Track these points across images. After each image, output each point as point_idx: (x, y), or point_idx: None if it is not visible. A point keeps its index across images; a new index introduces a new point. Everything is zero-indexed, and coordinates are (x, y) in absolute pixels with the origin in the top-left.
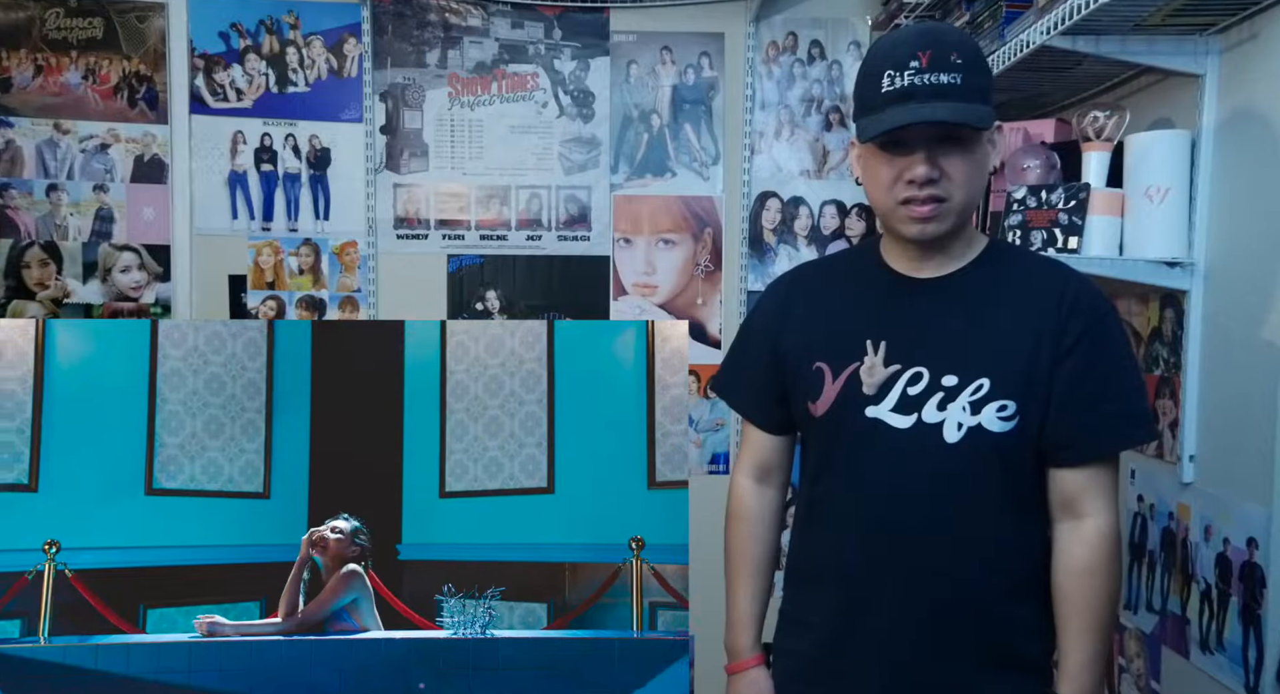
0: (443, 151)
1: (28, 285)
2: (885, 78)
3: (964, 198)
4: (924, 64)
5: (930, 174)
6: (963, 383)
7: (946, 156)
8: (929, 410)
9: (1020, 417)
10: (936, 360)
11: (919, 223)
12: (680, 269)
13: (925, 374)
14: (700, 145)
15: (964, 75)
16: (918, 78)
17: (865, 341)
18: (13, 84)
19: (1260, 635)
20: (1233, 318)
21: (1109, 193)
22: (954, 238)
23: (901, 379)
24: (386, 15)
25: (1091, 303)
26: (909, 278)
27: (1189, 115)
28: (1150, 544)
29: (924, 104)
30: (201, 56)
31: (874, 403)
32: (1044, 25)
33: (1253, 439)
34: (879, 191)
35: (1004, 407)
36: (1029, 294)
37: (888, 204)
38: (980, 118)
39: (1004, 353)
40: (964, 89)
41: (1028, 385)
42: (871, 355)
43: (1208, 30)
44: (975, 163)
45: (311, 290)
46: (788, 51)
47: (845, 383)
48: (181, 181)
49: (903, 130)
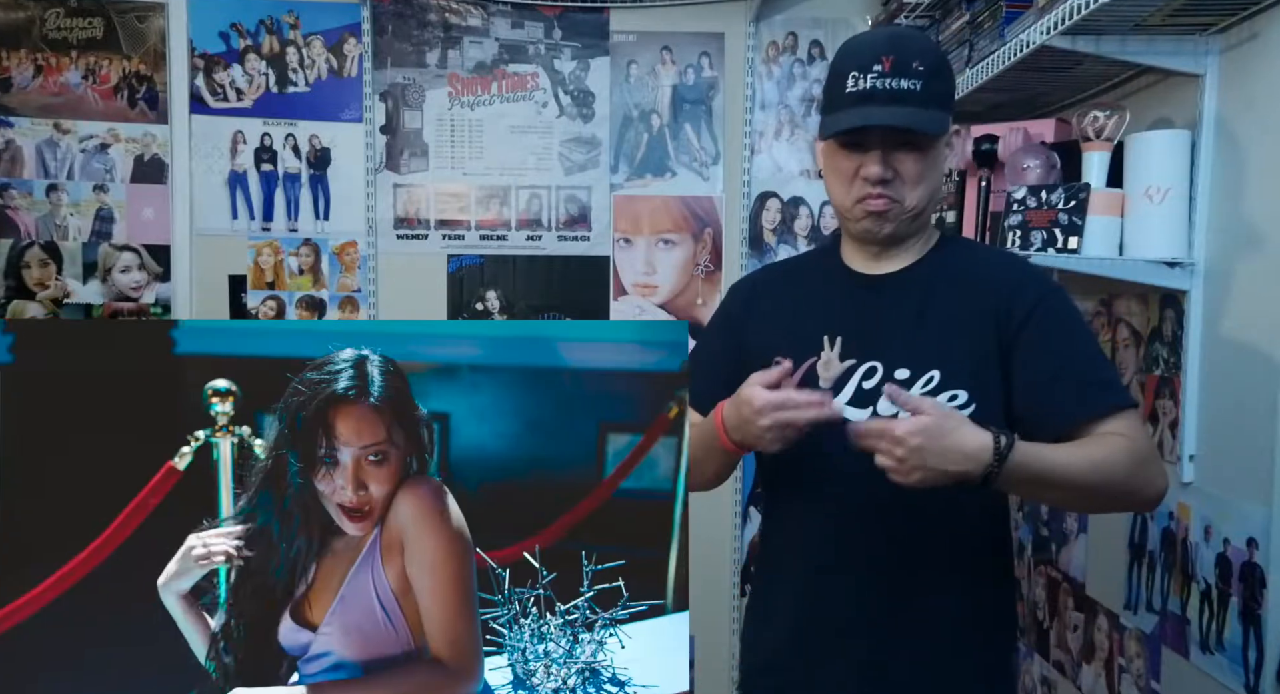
0: (443, 151)
1: (28, 285)
2: (850, 78)
3: (915, 199)
4: (886, 68)
5: (883, 174)
6: (914, 375)
7: (900, 159)
8: (883, 403)
9: (975, 404)
10: (889, 354)
11: (870, 219)
12: (680, 269)
13: (879, 368)
14: (700, 145)
15: (924, 82)
16: (879, 81)
17: (822, 337)
18: (13, 84)
19: (1260, 635)
20: (1233, 318)
21: (1109, 193)
22: (909, 236)
23: (857, 373)
24: (386, 15)
25: (1038, 282)
26: (864, 274)
27: (1189, 115)
28: (1150, 544)
29: (883, 107)
30: (201, 56)
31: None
32: (1044, 25)
33: (1253, 439)
34: (837, 187)
35: (954, 396)
36: (976, 280)
37: (844, 202)
38: (933, 125)
39: (952, 343)
40: (922, 95)
41: (977, 373)
42: (827, 350)
43: (1208, 30)
44: (929, 165)
45: (311, 290)
46: (788, 51)
47: (803, 378)
48: (181, 181)
49: (859, 131)
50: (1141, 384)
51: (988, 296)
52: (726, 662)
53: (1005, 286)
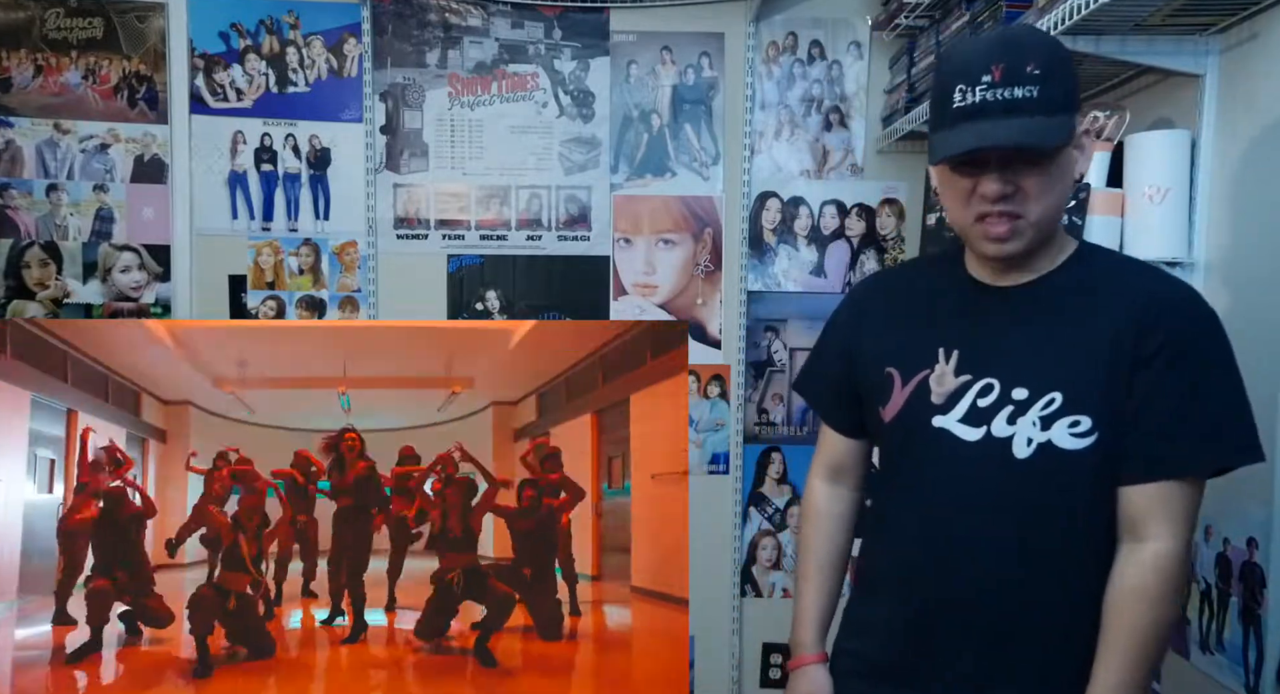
0: (443, 151)
1: (28, 285)
2: (957, 92)
3: (1040, 213)
4: (996, 78)
5: (1003, 191)
6: (1033, 396)
7: (1021, 173)
8: (999, 424)
9: (1098, 433)
10: (1008, 372)
11: (995, 242)
12: (680, 269)
13: (996, 386)
14: (700, 145)
15: (1041, 87)
16: (990, 93)
17: (938, 349)
18: (13, 84)
19: (1260, 635)
20: (1233, 318)
21: (1109, 193)
22: (1038, 247)
23: (972, 390)
24: (386, 15)
25: (1183, 304)
26: (988, 285)
27: (1189, 115)
28: None
29: (996, 122)
30: (201, 56)
31: (942, 412)
32: (1044, 25)
33: None
34: (955, 209)
35: (1077, 422)
36: (1112, 297)
37: (964, 222)
38: (1052, 135)
39: (1079, 364)
40: (1040, 101)
41: (1106, 399)
42: (942, 364)
43: (1208, 30)
44: (1054, 175)
45: (311, 290)
46: (788, 51)
47: (914, 390)
48: (181, 181)
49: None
50: None
51: (1127, 319)
52: (726, 662)
53: (1150, 308)
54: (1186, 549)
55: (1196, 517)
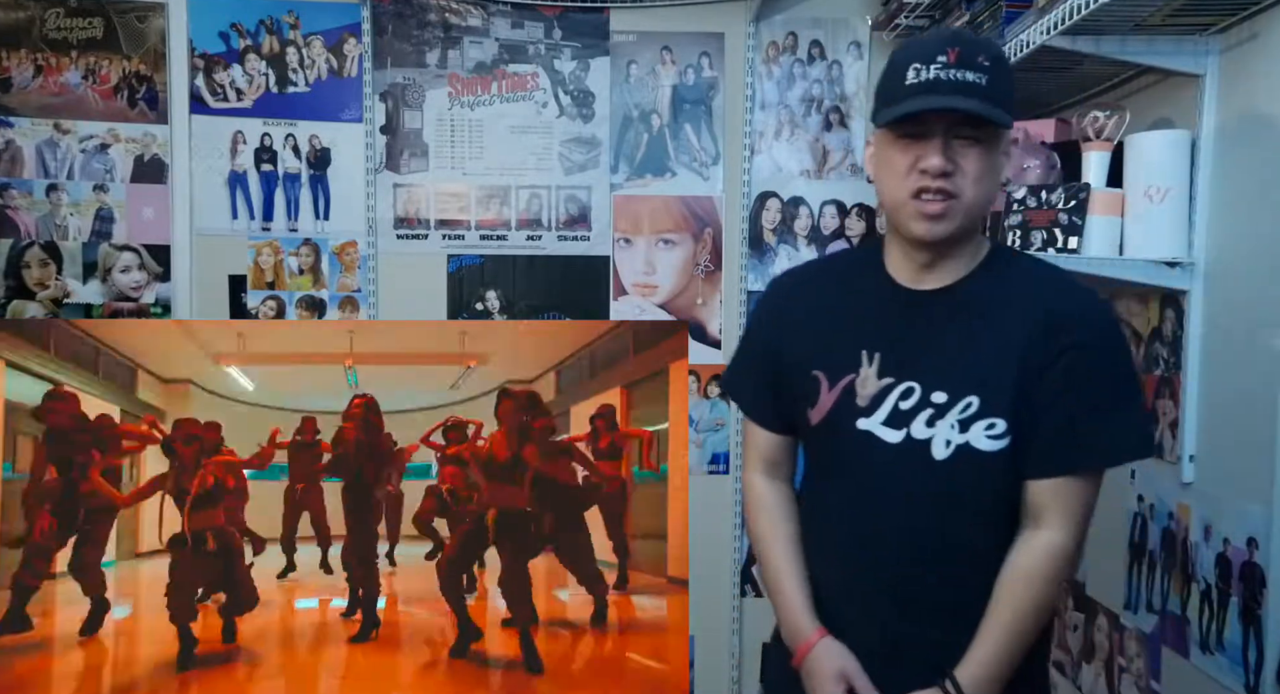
0: (443, 151)
1: (28, 285)
2: (911, 71)
3: (974, 197)
4: (951, 60)
5: (945, 166)
6: (952, 400)
7: (963, 151)
8: (918, 426)
9: (1012, 434)
10: (928, 376)
11: (927, 220)
12: (680, 269)
13: (917, 389)
14: (700, 145)
15: (989, 77)
16: (944, 72)
17: (861, 352)
18: (13, 84)
19: (1260, 635)
20: (1233, 318)
21: (1109, 193)
22: (958, 245)
23: (894, 393)
24: (386, 15)
25: (1085, 314)
26: (909, 289)
27: (1189, 115)
28: (1150, 544)
29: (949, 96)
30: (201, 56)
31: (866, 415)
32: (1044, 25)
33: (1253, 439)
34: (892, 181)
35: (993, 425)
36: (1023, 305)
37: (899, 196)
38: (1000, 116)
39: (994, 369)
40: (988, 89)
41: (1018, 402)
42: (866, 367)
43: (1208, 30)
44: (990, 164)
45: (311, 290)
46: (788, 51)
47: (841, 393)
48: (181, 181)
49: (922, 116)
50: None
51: (1033, 324)
52: (726, 661)
53: (1048, 317)
54: (1077, 541)
55: (1092, 509)
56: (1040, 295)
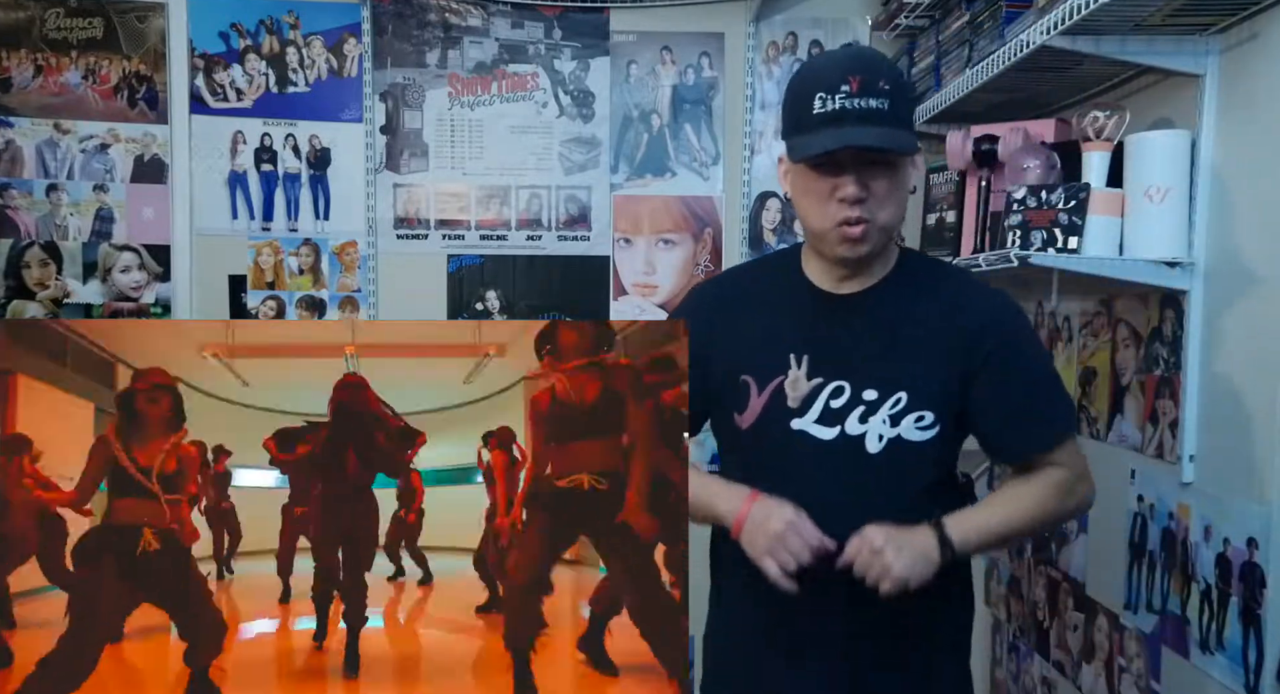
0: (443, 151)
1: (28, 285)
2: (817, 100)
3: (887, 218)
4: (854, 89)
5: (860, 194)
6: (882, 397)
7: (872, 178)
8: (852, 423)
9: (940, 425)
10: (857, 375)
11: (851, 244)
12: (680, 269)
13: (847, 388)
14: (700, 145)
15: (891, 101)
16: (848, 101)
17: (789, 355)
18: (13, 84)
19: (1260, 635)
20: (1233, 318)
21: (1109, 193)
22: (875, 255)
23: (824, 392)
24: (386, 15)
25: (1000, 311)
26: (830, 293)
27: (1189, 115)
28: (1150, 544)
29: (855, 128)
30: (201, 56)
31: (799, 415)
32: (1044, 25)
33: (1252, 439)
34: (814, 209)
35: (922, 417)
36: (944, 304)
37: (824, 225)
38: (907, 144)
39: (919, 366)
40: (890, 115)
41: (943, 395)
42: (795, 369)
43: (1208, 30)
44: (898, 184)
45: (311, 290)
46: (788, 51)
47: (771, 395)
48: (181, 181)
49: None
50: (1141, 384)
51: (953, 321)
52: None
53: (970, 313)
54: (1077, 473)
55: (1084, 458)
56: (957, 303)
